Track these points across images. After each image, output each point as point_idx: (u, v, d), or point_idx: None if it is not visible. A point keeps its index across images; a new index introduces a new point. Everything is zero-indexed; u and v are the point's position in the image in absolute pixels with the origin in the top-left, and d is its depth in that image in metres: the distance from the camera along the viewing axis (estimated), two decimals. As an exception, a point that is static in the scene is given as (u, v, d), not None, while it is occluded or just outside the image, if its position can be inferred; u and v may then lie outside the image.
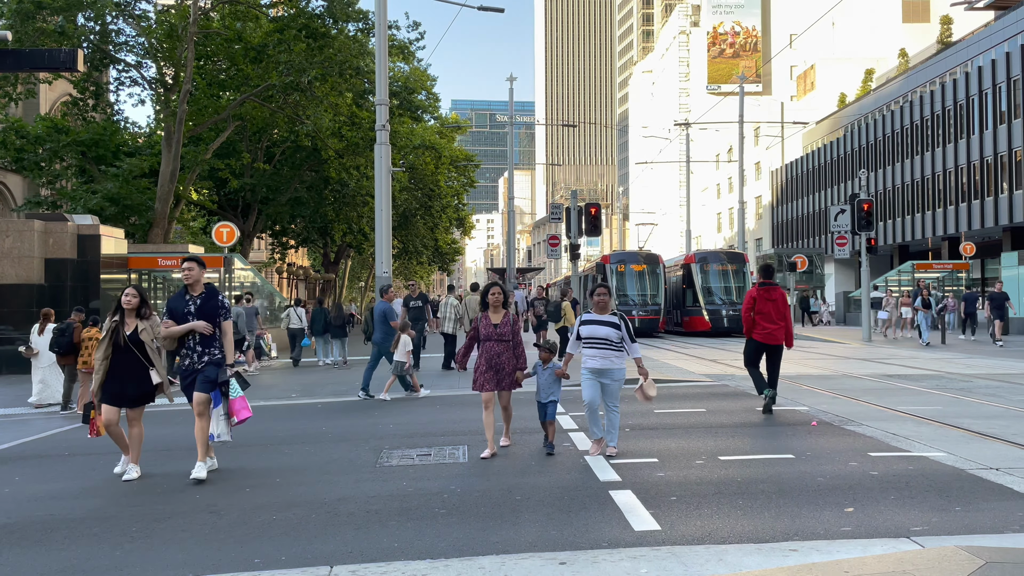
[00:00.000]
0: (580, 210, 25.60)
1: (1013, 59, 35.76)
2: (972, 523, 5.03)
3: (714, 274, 31.17)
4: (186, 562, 4.72)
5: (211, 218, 31.42)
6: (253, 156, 29.19)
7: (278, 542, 5.02)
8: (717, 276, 31.15)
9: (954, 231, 39.99)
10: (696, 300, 30.90)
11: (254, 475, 7.04)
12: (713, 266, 31.34)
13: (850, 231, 25.93)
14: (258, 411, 11.50)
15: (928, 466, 6.61)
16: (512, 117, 36.38)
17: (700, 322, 30.51)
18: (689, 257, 32.51)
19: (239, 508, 5.86)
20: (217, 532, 5.29)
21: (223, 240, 20.17)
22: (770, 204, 63.82)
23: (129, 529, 5.41)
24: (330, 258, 43.99)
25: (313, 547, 4.89)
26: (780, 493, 5.86)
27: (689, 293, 31.32)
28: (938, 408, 9.78)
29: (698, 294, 30.83)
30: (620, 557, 4.54)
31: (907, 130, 44.53)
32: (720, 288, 30.96)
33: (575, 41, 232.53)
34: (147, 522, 5.57)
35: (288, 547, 4.91)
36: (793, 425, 8.82)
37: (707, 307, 30.51)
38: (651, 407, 10.55)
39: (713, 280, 30.99)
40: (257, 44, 23.73)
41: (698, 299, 30.80)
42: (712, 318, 30.20)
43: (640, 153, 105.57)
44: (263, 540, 5.07)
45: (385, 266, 21.10)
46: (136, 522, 5.58)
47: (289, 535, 5.15)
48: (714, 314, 30.26)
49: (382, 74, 18.02)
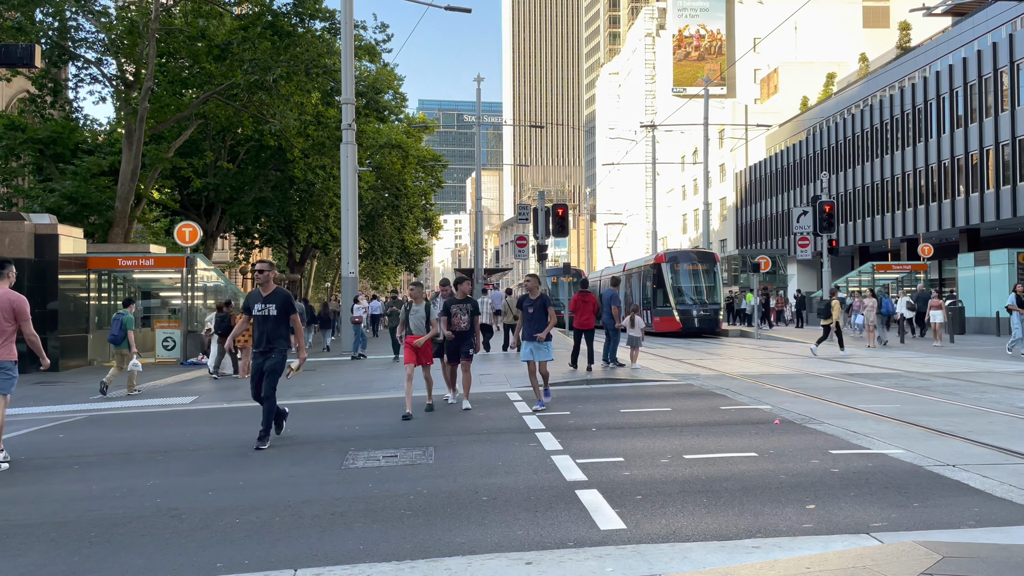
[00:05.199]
0: (547, 211, 25.68)
1: (970, 64, 36.63)
2: (930, 519, 5.13)
3: (685, 274, 31.03)
4: (146, 567, 4.64)
5: (174, 218, 30.95)
6: (217, 155, 28.82)
7: (241, 545, 4.95)
8: (688, 276, 31.03)
9: (913, 233, 40.82)
10: (667, 300, 30.71)
11: (217, 478, 6.94)
12: (684, 265, 31.21)
13: (812, 232, 26.37)
14: (221, 414, 11.37)
15: (887, 463, 6.74)
16: (479, 117, 36.39)
17: (671, 322, 30.34)
18: (659, 257, 32.36)
19: (201, 512, 5.78)
20: (178, 536, 5.20)
21: (185, 240, 19.88)
22: (734, 206, 64.59)
23: (88, 534, 5.30)
24: (295, 258, 43.54)
25: (277, 550, 4.83)
26: (743, 491, 5.93)
27: (660, 293, 31.15)
28: (897, 406, 9.97)
29: (669, 294, 30.64)
30: (586, 556, 4.55)
31: (867, 133, 45.36)
32: (691, 288, 30.90)
33: (542, 42, 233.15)
34: (106, 527, 5.46)
35: (251, 550, 4.84)
36: (756, 424, 8.93)
37: (678, 307, 30.41)
38: (617, 407, 10.62)
39: (684, 280, 30.87)
40: (221, 42, 23.43)
41: (669, 299, 30.62)
42: (683, 318, 30.15)
43: (607, 154, 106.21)
44: (225, 544, 5.00)
45: (352, 266, 21.01)
46: (95, 527, 5.47)
47: (252, 538, 5.09)
48: (685, 314, 30.21)
49: (348, 73, 17.93)
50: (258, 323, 8.23)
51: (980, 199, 35.89)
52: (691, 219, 72.52)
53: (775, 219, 56.04)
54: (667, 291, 30.70)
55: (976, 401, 10.46)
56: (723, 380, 13.84)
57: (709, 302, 30.79)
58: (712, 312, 30.61)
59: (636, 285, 34.61)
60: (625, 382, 13.75)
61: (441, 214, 73.18)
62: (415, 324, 10.16)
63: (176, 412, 11.52)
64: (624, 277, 36.51)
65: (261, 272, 8.26)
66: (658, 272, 31.37)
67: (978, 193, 36.05)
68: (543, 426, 9.01)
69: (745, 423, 9.04)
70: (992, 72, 35.05)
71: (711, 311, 30.59)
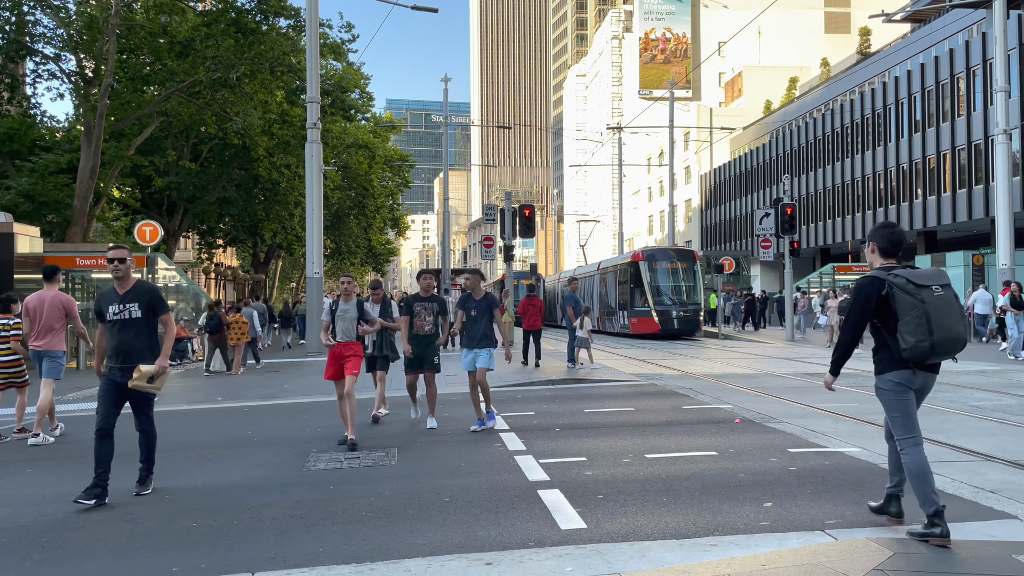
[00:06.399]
0: (514, 212, 25.73)
1: (927, 70, 37.43)
2: (883, 516, 5.23)
3: (663, 272, 29.58)
4: (98, 573, 4.56)
5: (134, 216, 30.43)
6: (179, 153, 28.40)
7: (197, 550, 4.88)
8: (666, 275, 29.57)
9: (873, 235, 41.54)
10: (645, 300, 29.33)
11: (175, 481, 6.84)
12: (662, 264, 29.77)
13: (774, 234, 26.71)
14: (181, 415, 11.21)
15: (843, 461, 6.86)
16: (447, 117, 36.31)
17: (649, 323, 29.00)
18: (637, 255, 30.76)
19: (157, 515, 5.69)
20: (133, 541, 5.12)
21: (145, 239, 19.57)
22: (699, 207, 65.26)
23: (40, 539, 5.20)
24: (260, 258, 43.10)
25: (234, 554, 4.78)
26: (703, 489, 6.00)
27: (637, 293, 29.70)
28: (855, 405, 10.15)
29: (647, 294, 29.27)
30: (546, 556, 4.57)
31: (828, 137, 46.12)
32: (670, 287, 29.53)
33: (510, 43, 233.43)
34: (59, 531, 5.36)
35: (208, 554, 4.78)
36: (717, 423, 9.03)
37: (656, 308, 29.06)
38: (581, 407, 10.68)
39: (662, 279, 29.44)
40: (183, 38, 23.09)
41: (647, 299, 29.25)
42: (662, 319, 28.86)
43: (574, 156, 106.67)
44: (182, 548, 4.93)
45: (316, 267, 20.84)
46: (47, 531, 5.36)
47: (209, 542, 5.03)
48: (664, 315, 28.90)
49: (313, 71, 17.79)
50: (114, 330, 6.24)
51: (937, 202, 36.70)
52: (657, 220, 73.12)
53: (739, 221, 56.73)
54: (645, 291, 29.34)
55: (931, 400, 10.66)
56: (686, 380, 13.99)
57: (689, 302, 29.34)
58: (692, 312, 29.26)
59: (612, 285, 33.16)
60: (589, 382, 13.82)
61: (408, 214, 72.95)
62: (343, 328, 8.45)
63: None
64: (599, 276, 35.36)
65: (116, 263, 6.29)
66: (635, 271, 29.97)
67: (935, 197, 36.86)
68: (507, 426, 9.03)
69: (706, 422, 9.15)
70: (949, 78, 35.86)
71: (691, 311, 29.26)
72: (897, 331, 4.57)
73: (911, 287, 4.55)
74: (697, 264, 30.43)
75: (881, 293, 4.62)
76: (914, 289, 4.54)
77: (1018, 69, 31.12)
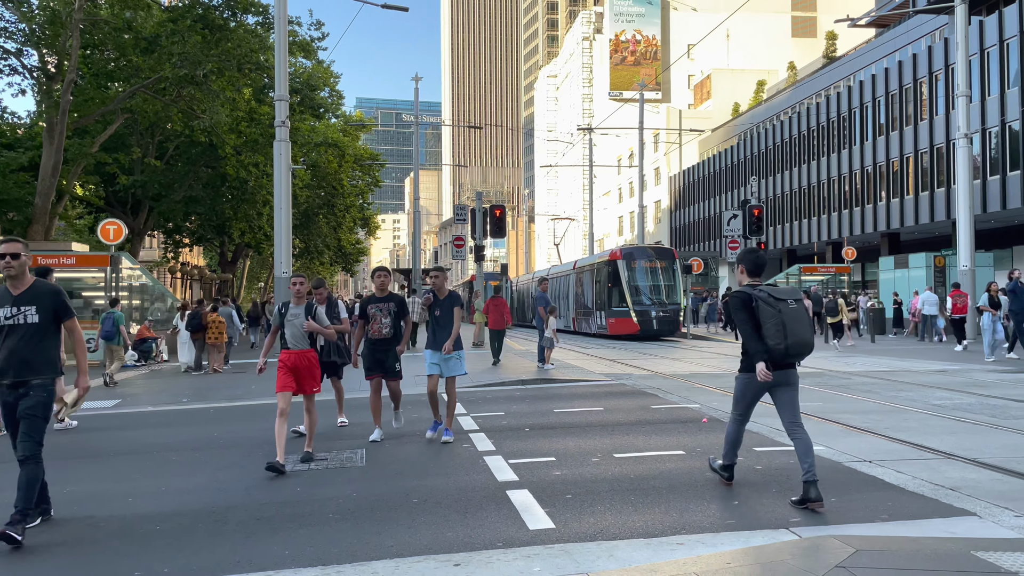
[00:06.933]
0: (485, 212, 25.74)
1: (891, 74, 38.09)
2: (846, 513, 5.32)
3: (642, 271, 28.70)
4: (59, 578, 4.48)
5: (98, 215, 29.91)
6: (144, 151, 27.95)
7: (160, 554, 4.81)
8: (645, 274, 28.70)
9: (837, 236, 42.22)
10: (623, 300, 28.40)
11: (138, 484, 6.73)
12: (641, 263, 28.90)
13: (742, 235, 27.01)
14: (146, 417, 11.05)
15: (808, 460, 6.94)
16: (418, 117, 36.17)
17: (628, 324, 28.18)
18: (614, 253, 29.93)
19: (120, 519, 5.60)
20: (95, 545, 5.03)
21: (109, 238, 19.25)
22: (668, 208, 65.76)
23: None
24: (227, 257, 42.57)
25: (199, 558, 4.72)
26: (670, 488, 6.04)
27: (615, 292, 28.81)
28: (819, 404, 10.30)
29: (625, 293, 28.39)
30: (514, 556, 4.58)
31: (795, 139, 46.72)
32: (649, 287, 28.68)
33: (481, 43, 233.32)
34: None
35: (171, 558, 4.72)
36: (685, 422, 9.11)
37: (635, 308, 28.21)
38: (551, 407, 10.70)
39: (641, 278, 28.56)
40: (149, 34, 22.73)
41: (625, 299, 28.33)
42: (641, 319, 28.11)
43: (545, 156, 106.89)
44: (144, 552, 4.85)
45: (285, 266, 20.63)
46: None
47: (173, 546, 4.95)
48: (643, 315, 28.15)
49: (282, 69, 17.61)
50: (1, 338, 5.24)
51: (900, 205, 37.35)
52: (627, 221, 73.55)
53: (707, 222, 57.26)
54: (623, 290, 28.44)
55: (893, 399, 10.87)
56: (655, 380, 14.08)
57: (669, 302, 28.43)
58: (672, 313, 28.40)
59: (588, 284, 32.20)
60: (559, 382, 13.86)
61: (379, 214, 72.54)
62: (294, 334, 7.49)
63: (97, 416, 11.13)
64: (575, 276, 34.57)
65: (8, 259, 5.28)
66: (613, 270, 29.07)
67: (898, 199, 37.51)
68: (477, 427, 9.02)
69: (674, 422, 9.22)
70: (912, 82, 36.53)
71: (671, 311, 28.39)
72: (761, 336, 5.48)
73: (771, 300, 5.48)
74: (677, 263, 29.67)
75: (750, 305, 5.54)
76: (773, 302, 5.48)
77: (979, 74, 31.80)
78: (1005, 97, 31.22)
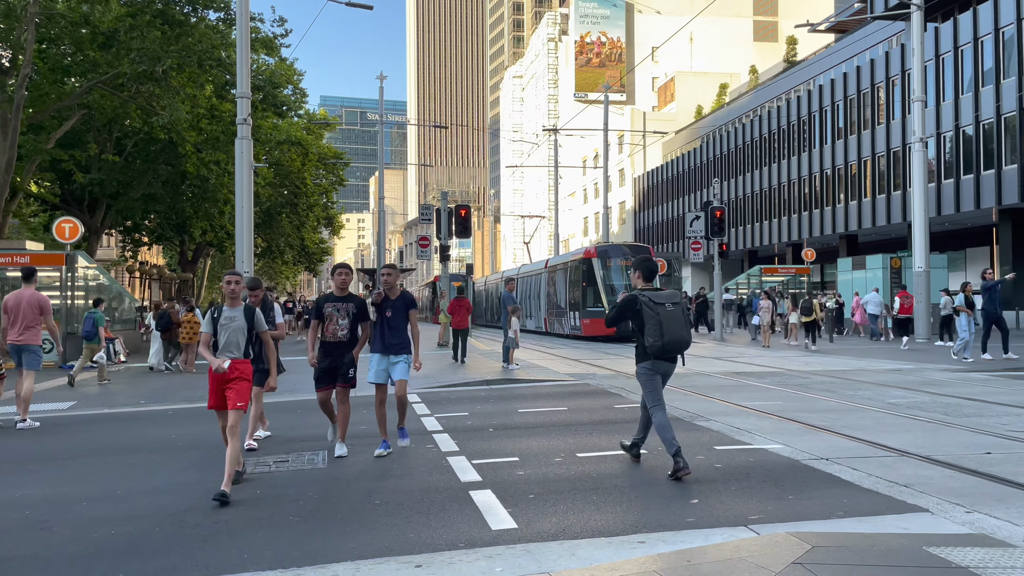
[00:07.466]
0: (450, 212, 25.63)
1: (850, 79, 38.82)
2: (803, 510, 5.40)
3: (618, 270, 27.60)
4: (9, 585, 4.37)
5: (53, 212, 29.25)
6: (102, 147, 27.39)
7: (115, 559, 4.71)
8: (621, 272, 27.50)
9: (798, 238, 42.93)
10: (598, 300, 27.44)
11: (94, 487, 6.60)
12: (616, 261, 27.86)
13: (704, 236, 27.29)
14: (102, 419, 10.82)
15: (767, 458, 7.06)
16: (382, 116, 35.98)
17: (603, 325, 27.14)
18: (589, 251, 29.05)
19: (74, 523, 5.48)
20: (47, 550, 4.91)
21: (65, 236, 18.85)
22: (633, 209, 66.27)
23: (-56, 552, 4.94)
24: (187, 256, 41.91)
25: (154, 562, 4.63)
26: (632, 488, 6.09)
27: (590, 292, 27.87)
28: (779, 403, 10.46)
29: (600, 293, 27.42)
30: (476, 557, 4.57)
31: (757, 142, 47.39)
32: (625, 286, 26.18)
33: (447, 43, 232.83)
34: (-34, 543, 5.10)
35: (126, 564, 4.62)
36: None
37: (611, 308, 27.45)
38: (515, 407, 10.71)
39: (617, 277, 27.40)
40: (107, 29, 22.27)
41: (601, 298, 27.35)
42: None
43: (511, 156, 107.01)
44: (98, 558, 4.76)
45: (247, 265, 20.36)
46: (-47, 544, 5.10)
47: (128, 551, 4.86)
48: None
49: (244, 66, 17.38)
50: None
51: (858, 207, 38.09)
52: (592, 222, 73.96)
53: (671, 223, 57.82)
54: (599, 290, 27.51)
55: (851, 398, 11.08)
56: (619, 379, 14.18)
57: None
58: None
59: (561, 283, 31.18)
60: (524, 382, 13.89)
61: (343, 213, 71.99)
62: (227, 341, 6.43)
63: (51, 418, 10.88)
64: (546, 275, 33.73)
65: None
66: (588, 268, 28.17)
67: (856, 201, 38.26)
68: (440, 427, 9.00)
69: (637, 421, 9.19)
70: (870, 87, 37.27)
71: None
72: (644, 333, 6.41)
73: (652, 303, 6.40)
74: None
75: (635, 307, 6.44)
76: (654, 305, 6.39)
77: (934, 80, 32.55)
78: (959, 102, 32.00)
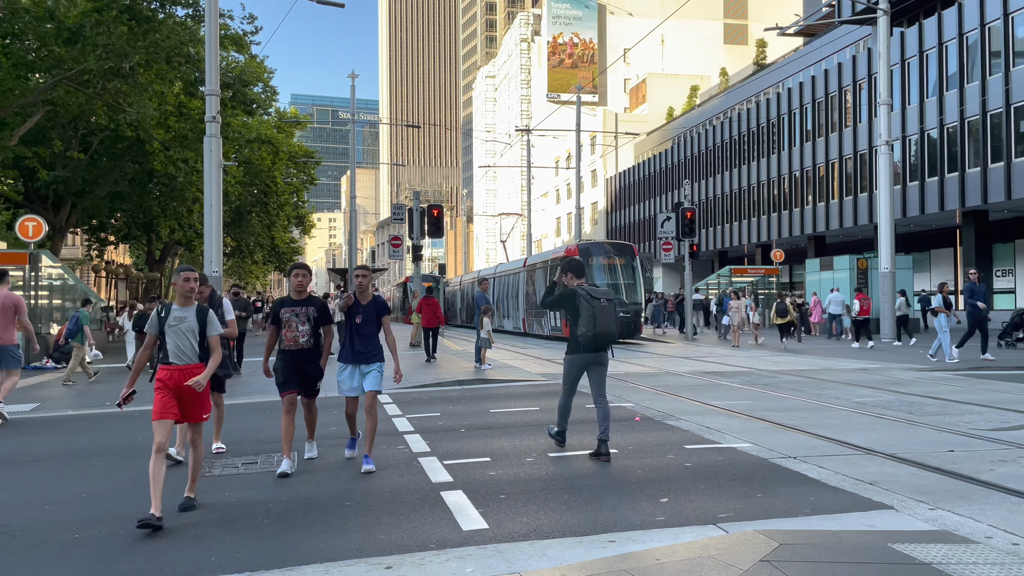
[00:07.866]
0: (423, 211, 25.57)
1: (817, 82, 39.34)
2: (771, 508, 5.47)
3: (600, 269, 26.66)
4: (-31, 591, 4.28)
5: (16, 211, 28.65)
6: (67, 144, 26.88)
7: (79, 564, 4.64)
8: (604, 271, 26.68)
9: (767, 239, 43.41)
10: None
11: (57, 490, 6.48)
12: (599, 259, 26.84)
13: (675, 237, 27.48)
14: (65, 421, 10.64)
15: (736, 456, 7.13)
16: (354, 114, 35.76)
17: None
18: (570, 249, 28.00)
19: (37, 527, 5.38)
20: (8, 555, 4.82)
21: (28, 235, 18.49)
22: (605, 210, 66.56)
23: (-99, 558, 4.83)
24: (155, 256, 41.32)
25: (119, 566, 4.57)
26: (602, 487, 6.12)
27: None
28: (748, 402, 10.57)
29: None
30: (447, 558, 4.57)
31: (727, 144, 47.85)
32: (608, 286, 25.74)
33: (419, 42, 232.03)
34: (-76, 549, 4.99)
35: (91, 568, 4.55)
36: (618, 421, 9.23)
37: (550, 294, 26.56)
38: (487, 407, 10.71)
39: (599, 276, 26.41)
40: (72, 24, 21.87)
41: None
42: None
43: (484, 156, 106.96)
44: (63, 562, 4.68)
45: (215, 264, 20.14)
46: (-90, 549, 4.98)
47: (93, 555, 4.78)
48: None
49: (213, 63, 17.18)
50: None
51: (826, 209, 38.61)
52: (564, 222, 74.15)
53: (643, 224, 58.16)
54: None
55: (818, 397, 11.23)
56: (590, 380, 14.21)
57: (629, 302, 26.19)
58: (633, 313, 26.11)
59: (542, 283, 30.18)
60: (496, 382, 13.88)
61: (314, 212, 71.44)
62: (176, 344, 5.69)
63: (13, 420, 10.67)
64: (525, 274, 33.03)
65: None
66: None
67: (824, 203, 38.77)
68: (412, 428, 8.97)
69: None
70: (837, 90, 37.80)
71: (631, 312, 26.04)
72: (578, 324, 7.10)
73: (589, 298, 7.12)
74: (637, 259, 27.61)
75: (574, 299, 7.20)
76: (590, 299, 7.11)
77: (900, 84, 33.10)
78: (924, 106, 32.58)
